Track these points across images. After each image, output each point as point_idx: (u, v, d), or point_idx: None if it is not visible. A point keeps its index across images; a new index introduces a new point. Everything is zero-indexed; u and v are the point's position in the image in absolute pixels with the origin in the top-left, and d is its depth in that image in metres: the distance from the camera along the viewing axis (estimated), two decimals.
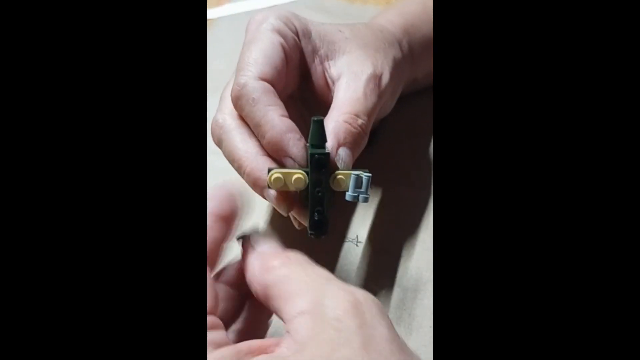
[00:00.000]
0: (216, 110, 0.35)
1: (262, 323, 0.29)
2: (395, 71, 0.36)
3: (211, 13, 0.57)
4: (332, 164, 0.31)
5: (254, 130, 0.32)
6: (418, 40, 0.41)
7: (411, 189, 0.41)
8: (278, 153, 0.31)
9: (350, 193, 0.31)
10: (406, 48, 0.39)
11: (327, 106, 0.34)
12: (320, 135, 0.31)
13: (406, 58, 0.39)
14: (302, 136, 0.32)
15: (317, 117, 0.31)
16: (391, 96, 0.38)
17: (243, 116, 0.33)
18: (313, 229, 0.31)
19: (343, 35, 0.36)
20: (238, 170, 0.33)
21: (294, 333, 0.23)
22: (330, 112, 0.33)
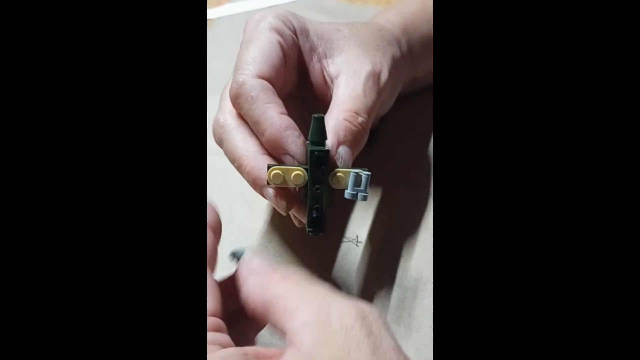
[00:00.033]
0: (217, 110, 0.35)
1: (249, 340, 0.29)
2: (394, 69, 0.36)
3: (211, 13, 0.57)
4: (332, 162, 0.31)
5: (253, 128, 0.32)
6: (417, 39, 0.41)
7: (411, 189, 0.41)
8: (277, 150, 0.31)
9: (349, 191, 0.31)
10: (405, 47, 0.39)
11: (326, 104, 0.34)
12: (320, 132, 0.31)
13: (405, 57, 0.39)
14: (302, 133, 0.32)
15: (318, 114, 0.31)
16: (390, 94, 0.38)
17: (242, 114, 0.33)
18: (311, 227, 0.31)
19: (341, 34, 0.36)
20: (238, 169, 0.33)
21: (300, 344, 0.22)
22: (330, 110, 0.33)
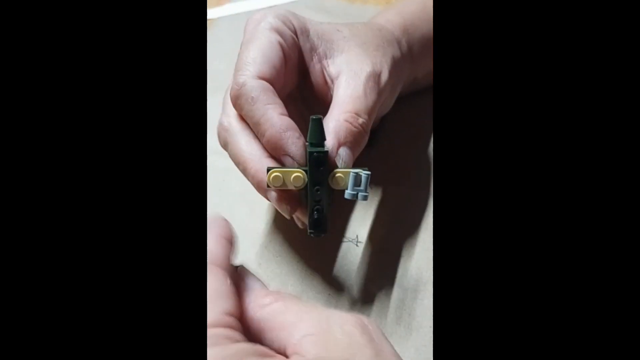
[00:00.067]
0: (221, 113, 0.35)
1: None
2: (394, 69, 0.36)
3: (211, 13, 0.57)
4: (332, 163, 0.31)
5: (254, 128, 0.32)
6: (417, 39, 0.41)
7: (411, 189, 0.41)
8: (277, 151, 0.31)
9: (349, 191, 0.30)
10: (405, 47, 0.39)
11: (326, 104, 0.34)
12: (319, 133, 0.30)
13: (405, 57, 0.39)
14: (302, 135, 0.32)
15: (316, 116, 0.31)
16: (390, 94, 0.38)
17: (242, 115, 0.33)
18: (313, 228, 0.31)
19: (341, 34, 0.36)
20: (243, 172, 0.33)
21: (305, 352, 0.22)
22: (330, 111, 0.33)
